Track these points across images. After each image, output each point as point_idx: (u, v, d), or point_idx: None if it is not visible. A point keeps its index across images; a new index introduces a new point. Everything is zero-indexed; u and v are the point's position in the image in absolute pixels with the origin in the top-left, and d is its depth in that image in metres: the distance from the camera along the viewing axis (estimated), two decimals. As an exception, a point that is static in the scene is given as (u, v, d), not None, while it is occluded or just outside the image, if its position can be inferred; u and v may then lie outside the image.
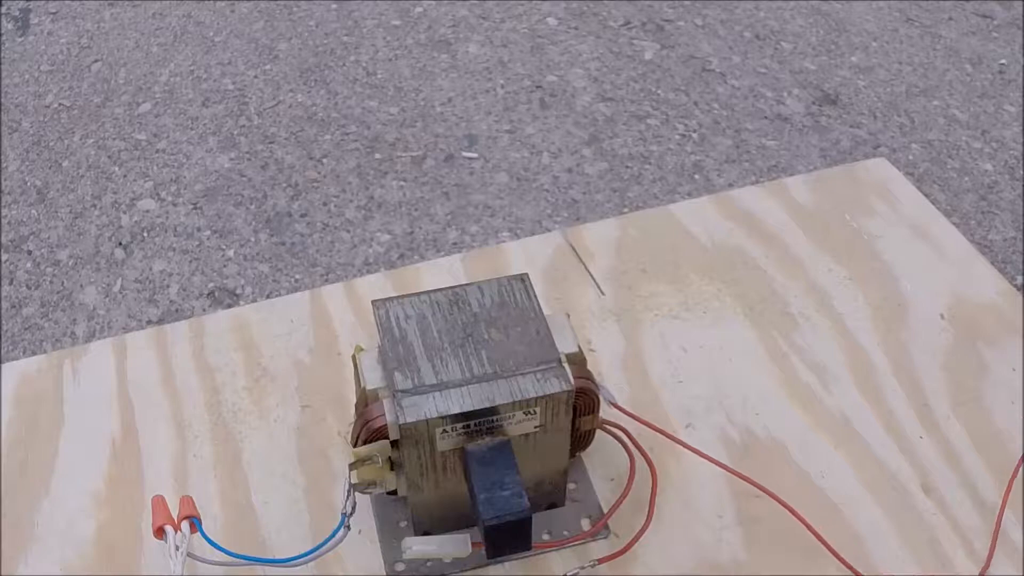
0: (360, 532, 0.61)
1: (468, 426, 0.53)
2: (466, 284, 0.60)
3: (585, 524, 0.61)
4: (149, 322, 1.65)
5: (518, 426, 0.54)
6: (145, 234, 1.81)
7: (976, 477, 0.63)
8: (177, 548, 0.54)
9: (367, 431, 0.54)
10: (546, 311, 0.58)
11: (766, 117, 2.01)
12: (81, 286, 1.72)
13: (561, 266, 0.78)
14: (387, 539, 0.60)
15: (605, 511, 0.61)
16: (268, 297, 1.67)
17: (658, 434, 0.62)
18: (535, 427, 0.55)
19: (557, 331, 0.57)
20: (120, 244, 1.80)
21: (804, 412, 0.67)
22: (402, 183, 1.89)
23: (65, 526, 0.62)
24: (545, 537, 0.60)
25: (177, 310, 1.67)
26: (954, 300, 0.75)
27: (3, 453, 0.66)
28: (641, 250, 0.79)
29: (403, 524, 0.61)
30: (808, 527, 0.58)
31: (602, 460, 0.64)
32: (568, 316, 0.59)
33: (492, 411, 0.53)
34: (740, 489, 0.62)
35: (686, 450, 0.62)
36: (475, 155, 1.95)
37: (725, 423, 0.67)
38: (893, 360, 0.70)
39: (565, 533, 0.60)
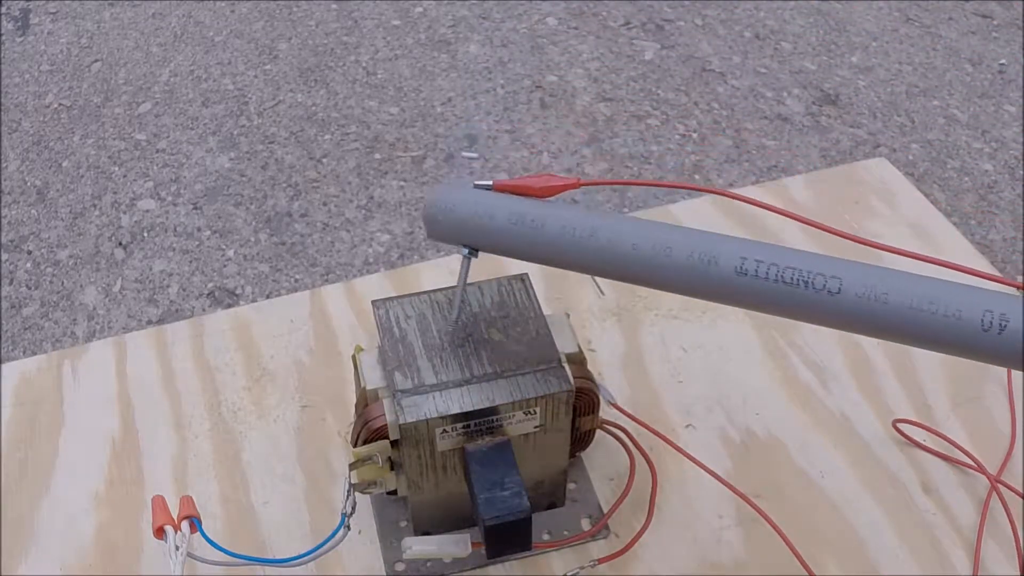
0: (360, 532, 0.61)
1: (468, 426, 0.53)
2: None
3: (585, 524, 0.61)
4: (149, 322, 1.65)
5: (518, 426, 0.54)
6: (145, 234, 1.81)
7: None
8: (177, 548, 0.54)
9: (367, 431, 0.54)
10: (546, 311, 0.58)
11: (766, 117, 2.01)
12: (81, 286, 1.72)
13: (561, 266, 0.78)
14: (387, 539, 0.60)
15: (605, 511, 0.61)
16: (268, 297, 1.67)
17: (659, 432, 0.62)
18: (535, 427, 0.55)
19: (557, 331, 0.57)
20: (120, 244, 1.80)
21: (804, 412, 0.67)
22: (402, 183, 1.89)
23: (65, 526, 0.62)
24: (545, 537, 0.60)
25: (177, 310, 1.67)
26: (954, 300, 0.75)
27: (3, 453, 0.66)
28: (641, 250, 0.79)
29: (403, 524, 0.61)
30: (788, 543, 0.58)
31: (602, 460, 0.64)
32: (568, 316, 0.59)
33: (492, 411, 0.53)
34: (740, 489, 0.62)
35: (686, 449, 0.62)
36: (475, 155, 1.95)
37: (725, 423, 0.67)
38: (893, 360, 0.70)
39: (565, 533, 0.60)
